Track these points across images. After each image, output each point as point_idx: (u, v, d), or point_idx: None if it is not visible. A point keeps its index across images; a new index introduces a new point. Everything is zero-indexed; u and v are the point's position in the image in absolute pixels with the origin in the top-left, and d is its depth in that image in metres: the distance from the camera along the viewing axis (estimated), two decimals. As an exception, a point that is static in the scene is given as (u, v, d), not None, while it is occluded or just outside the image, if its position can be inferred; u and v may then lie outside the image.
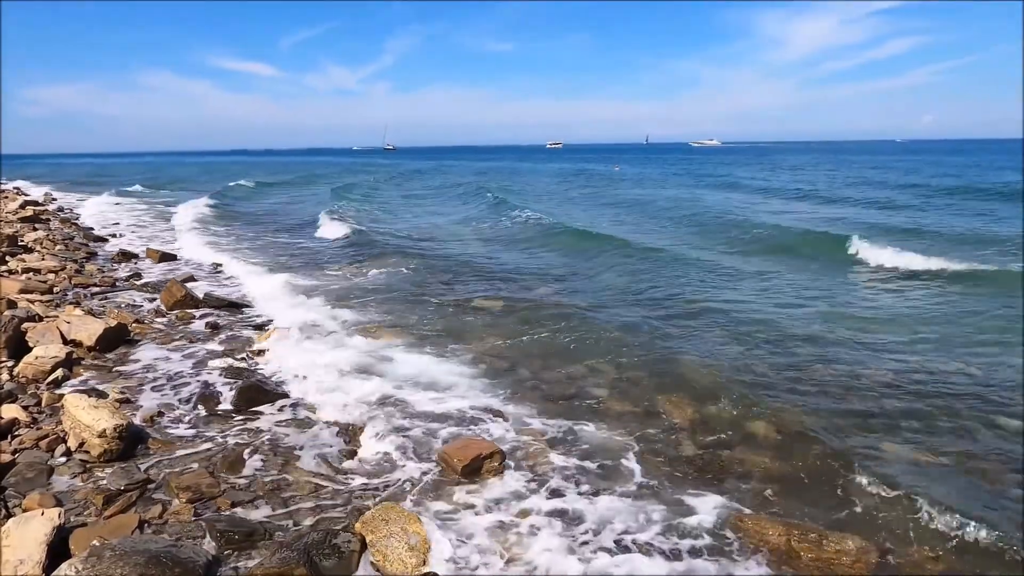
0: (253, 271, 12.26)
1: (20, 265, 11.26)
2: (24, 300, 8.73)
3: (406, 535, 3.80)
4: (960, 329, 8.27)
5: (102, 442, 4.81)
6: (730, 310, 9.18)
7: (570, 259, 13.96)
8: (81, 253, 13.75)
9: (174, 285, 9.67)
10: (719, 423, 5.60)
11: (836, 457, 4.90)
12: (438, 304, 9.77)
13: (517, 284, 11.33)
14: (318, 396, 6.18)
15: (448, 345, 7.75)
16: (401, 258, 13.67)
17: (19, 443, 4.95)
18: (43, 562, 3.42)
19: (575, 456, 5.06)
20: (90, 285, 10.48)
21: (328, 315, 8.88)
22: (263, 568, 3.44)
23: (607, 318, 8.81)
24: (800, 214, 21.48)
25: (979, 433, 5.34)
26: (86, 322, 7.50)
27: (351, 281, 11.56)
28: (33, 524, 3.63)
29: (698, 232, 17.85)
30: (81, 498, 4.31)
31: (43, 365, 6.28)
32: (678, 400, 6.02)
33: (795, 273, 12.09)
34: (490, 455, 4.84)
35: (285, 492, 4.53)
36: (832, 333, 8.05)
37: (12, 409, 5.44)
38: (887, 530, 4.10)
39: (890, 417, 5.66)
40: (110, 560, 3.30)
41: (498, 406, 5.96)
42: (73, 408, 5.02)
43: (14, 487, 4.37)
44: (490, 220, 21.26)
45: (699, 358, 7.10)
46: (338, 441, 5.31)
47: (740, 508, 4.33)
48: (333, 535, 3.85)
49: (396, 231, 18.71)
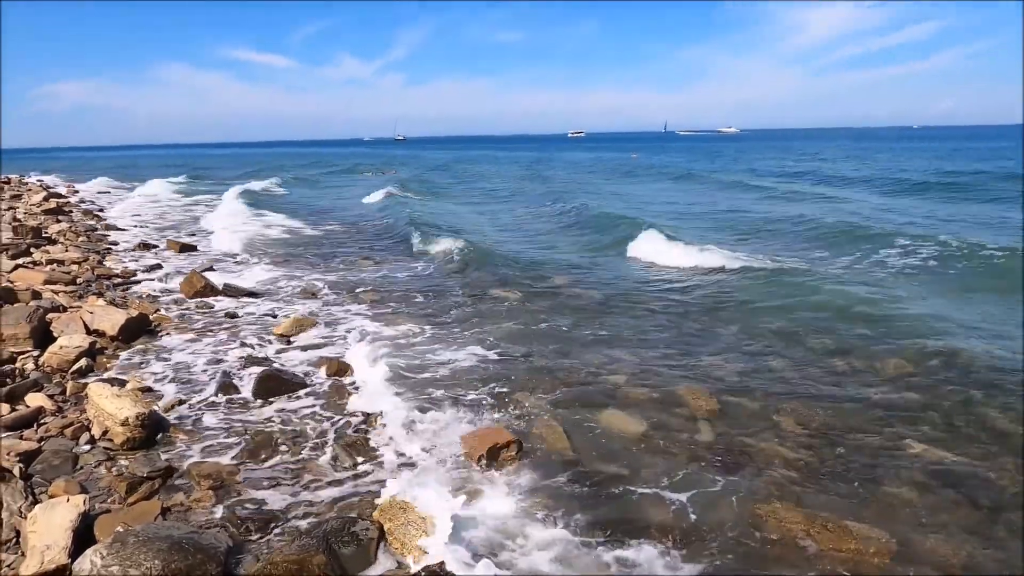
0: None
1: (44, 256, 11.46)
2: (48, 291, 8.88)
3: (424, 523, 3.81)
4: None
5: (125, 430, 4.88)
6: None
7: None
8: (103, 244, 13.96)
9: (194, 275, 9.78)
10: (738, 414, 5.54)
11: (859, 451, 4.83)
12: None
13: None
14: (337, 383, 6.22)
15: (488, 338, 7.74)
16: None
17: (45, 431, 5.05)
18: (69, 547, 3.48)
19: (592, 444, 5.04)
20: (112, 276, 10.63)
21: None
22: (283, 555, 3.47)
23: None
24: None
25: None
26: (109, 312, 7.61)
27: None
28: (59, 510, 3.70)
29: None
30: (105, 485, 4.38)
31: (67, 355, 6.38)
32: (697, 391, 5.97)
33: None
34: (507, 444, 4.84)
35: (305, 479, 4.57)
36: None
37: (38, 398, 5.54)
38: (908, 523, 4.04)
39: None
40: (134, 546, 3.35)
41: (518, 393, 5.96)
42: (97, 397, 5.10)
43: (40, 474, 4.45)
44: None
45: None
46: (357, 429, 5.34)
47: (760, 496, 4.29)
48: (352, 523, 3.87)
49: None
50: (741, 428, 5.28)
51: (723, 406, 5.65)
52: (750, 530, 3.98)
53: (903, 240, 13.03)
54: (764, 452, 4.90)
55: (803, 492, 4.36)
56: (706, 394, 5.84)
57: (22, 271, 9.73)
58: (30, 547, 3.49)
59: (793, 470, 4.64)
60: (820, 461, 4.76)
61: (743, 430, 5.24)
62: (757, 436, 5.14)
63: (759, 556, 3.76)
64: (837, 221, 15.80)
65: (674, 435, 5.19)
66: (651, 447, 5.01)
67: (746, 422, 5.38)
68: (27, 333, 6.79)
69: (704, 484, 4.47)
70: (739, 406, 5.65)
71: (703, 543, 3.87)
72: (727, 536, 3.93)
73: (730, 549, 3.82)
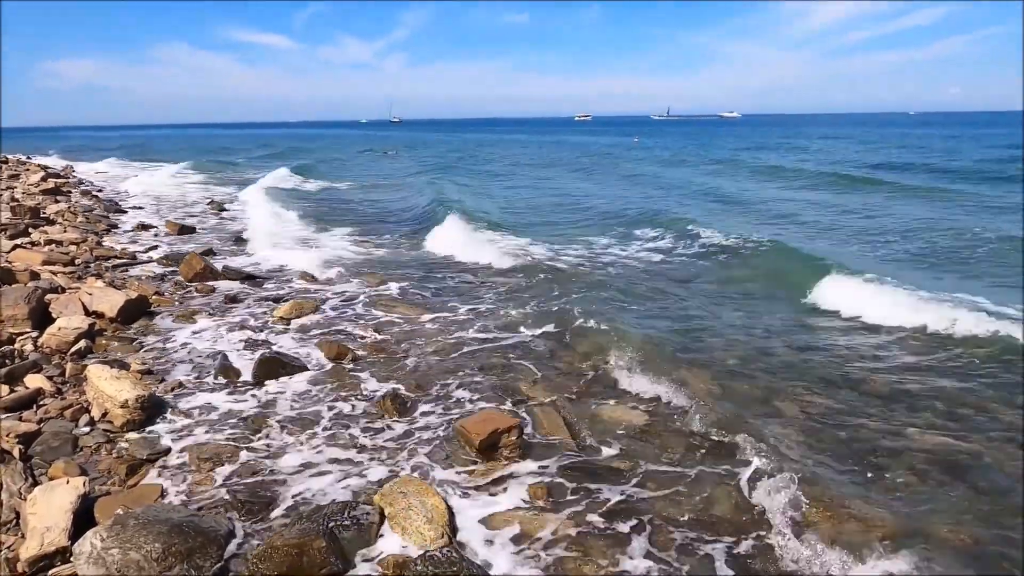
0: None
1: (43, 237, 11.39)
2: (47, 271, 8.83)
3: (424, 508, 3.80)
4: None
5: (124, 412, 4.86)
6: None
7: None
8: (102, 225, 13.88)
9: (194, 258, 9.73)
10: (741, 399, 5.53)
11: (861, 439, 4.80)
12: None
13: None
14: (337, 367, 6.21)
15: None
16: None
17: (44, 412, 5.03)
18: (68, 529, 3.47)
19: (594, 430, 5.03)
20: (111, 257, 10.57)
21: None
22: (283, 539, 3.46)
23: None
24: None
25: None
26: (108, 294, 7.57)
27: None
28: (58, 492, 3.68)
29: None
30: (105, 467, 4.37)
31: (66, 336, 6.35)
32: (700, 374, 5.94)
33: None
34: (508, 429, 4.81)
35: (305, 463, 4.55)
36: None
37: (37, 379, 5.52)
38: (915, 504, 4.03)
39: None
40: (134, 528, 3.34)
41: (514, 377, 5.94)
42: (96, 379, 5.07)
43: (40, 455, 4.44)
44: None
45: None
46: (357, 413, 5.32)
47: (763, 481, 4.27)
48: (352, 507, 3.86)
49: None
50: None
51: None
52: (753, 514, 3.98)
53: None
54: (767, 436, 4.89)
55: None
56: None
57: (20, 251, 9.67)
58: (30, 529, 3.48)
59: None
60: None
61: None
62: (758, 421, 5.14)
63: (762, 542, 3.76)
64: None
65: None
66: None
67: (749, 405, 5.36)
68: (26, 314, 6.76)
69: (705, 466, 4.47)
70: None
71: (711, 525, 3.87)
72: (727, 519, 3.93)
73: (730, 532, 3.82)
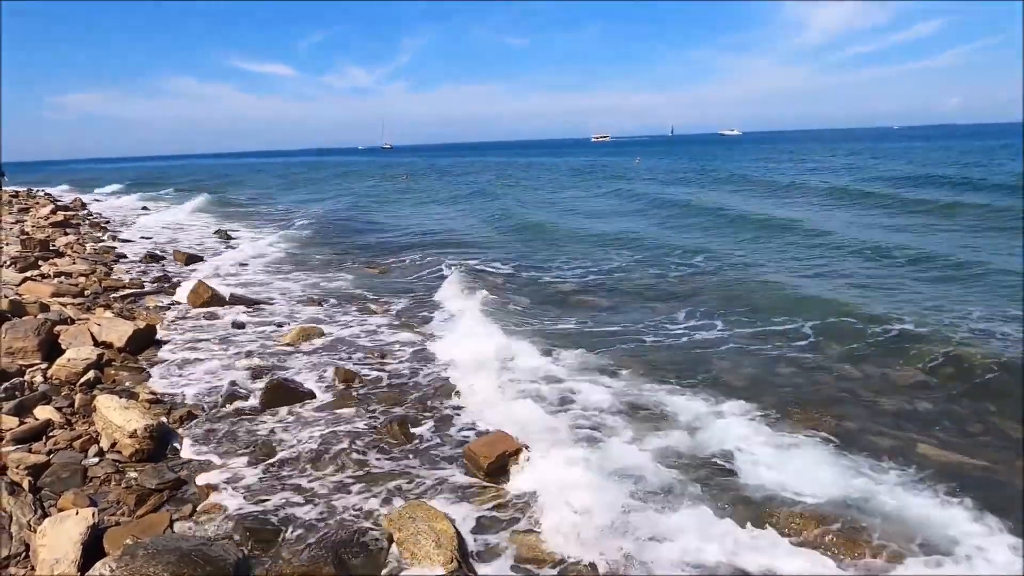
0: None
1: (52, 269, 11.52)
2: (56, 303, 8.92)
3: (433, 532, 3.78)
4: None
5: (133, 442, 4.88)
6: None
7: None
8: (110, 256, 14.02)
9: (200, 286, 9.81)
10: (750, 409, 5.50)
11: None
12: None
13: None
14: (345, 392, 6.22)
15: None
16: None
17: (54, 444, 5.04)
18: (78, 561, 3.47)
19: (597, 448, 5.01)
20: (120, 287, 10.67)
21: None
22: (292, 566, 3.46)
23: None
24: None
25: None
26: (116, 324, 7.63)
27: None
28: (68, 523, 3.69)
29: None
30: (114, 498, 4.37)
31: (75, 367, 6.39)
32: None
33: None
34: (515, 451, 4.81)
35: (313, 489, 4.55)
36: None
37: (46, 411, 5.55)
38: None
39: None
40: (143, 559, 3.34)
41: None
42: (105, 409, 5.10)
43: (49, 487, 4.45)
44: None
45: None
46: (365, 438, 5.32)
47: (772, 495, 4.25)
48: (361, 533, 3.85)
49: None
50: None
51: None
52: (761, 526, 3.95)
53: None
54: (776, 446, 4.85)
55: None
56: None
57: (30, 284, 9.77)
58: (39, 561, 3.48)
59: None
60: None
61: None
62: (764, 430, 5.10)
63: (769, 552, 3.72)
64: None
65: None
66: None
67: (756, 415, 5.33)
68: (35, 346, 6.81)
69: (707, 499, 4.44)
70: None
71: (713, 551, 3.84)
72: (734, 535, 3.89)
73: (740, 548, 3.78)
